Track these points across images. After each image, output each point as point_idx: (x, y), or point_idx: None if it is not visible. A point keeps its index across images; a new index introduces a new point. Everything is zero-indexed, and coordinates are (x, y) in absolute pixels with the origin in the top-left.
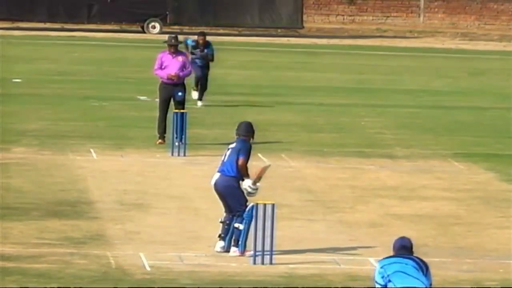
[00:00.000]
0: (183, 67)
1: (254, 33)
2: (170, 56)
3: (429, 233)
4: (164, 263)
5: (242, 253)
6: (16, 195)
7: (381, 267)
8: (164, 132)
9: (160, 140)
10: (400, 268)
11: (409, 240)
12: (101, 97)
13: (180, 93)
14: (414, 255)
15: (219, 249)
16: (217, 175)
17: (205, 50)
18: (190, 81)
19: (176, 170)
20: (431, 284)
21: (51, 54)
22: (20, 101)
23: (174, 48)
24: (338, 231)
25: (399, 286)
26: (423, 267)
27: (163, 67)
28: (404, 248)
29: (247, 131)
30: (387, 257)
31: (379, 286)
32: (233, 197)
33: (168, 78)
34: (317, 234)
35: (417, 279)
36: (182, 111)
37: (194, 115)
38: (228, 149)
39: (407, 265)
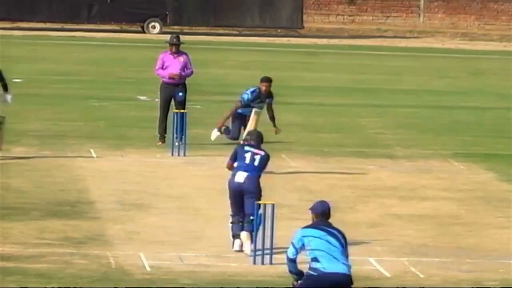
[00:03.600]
0: (184, 67)
1: (254, 33)
2: (171, 56)
3: (429, 233)
4: (164, 263)
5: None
6: (16, 195)
7: (305, 236)
8: (165, 132)
9: (160, 142)
10: (327, 249)
11: (328, 205)
12: (101, 97)
13: (180, 94)
14: (332, 224)
15: (238, 248)
16: (243, 174)
17: (267, 101)
18: (190, 81)
19: (176, 170)
20: (347, 256)
21: (51, 54)
22: (20, 101)
23: (176, 47)
24: None
25: (329, 271)
26: (343, 242)
27: (164, 67)
28: (324, 215)
29: (262, 141)
30: (311, 227)
31: (293, 250)
32: (255, 196)
33: (169, 77)
34: None
35: (344, 264)
36: (182, 111)
37: (194, 115)
38: (250, 152)
39: (333, 245)
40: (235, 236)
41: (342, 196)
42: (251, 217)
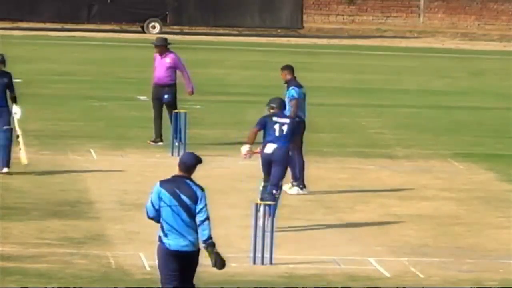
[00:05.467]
0: (173, 67)
1: (254, 33)
2: (159, 57)
3: (429, 233)
4: None
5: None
6: (16, 195)
7: (160, 199)
8: (160, 131)
9: (159, 142)
10: (175, 224)
11: (195, 159)
12: (101, 97)
13: (166, 96)
14: (193, 181)
15: None
16: (273, 146)
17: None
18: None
19: (176, 170)
20: (203, 209)
21: (51, 54)
22: (20, 101)
23: (158, 48)
24: (338, 231)
25: (174, 248)
26: (194, 210)
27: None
28: (187, 170)
29: (285, 106)
30: (167, 189)
31: (152, 208)
32: (282, 165)
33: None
34: (317, 234)
35: (190, 240)
36: (181, 111)
37: (194, 115)
38: (277, 123)
39: (182, 220)
40: (263, 199)
41: (342, 196)
42: (273, 191)
